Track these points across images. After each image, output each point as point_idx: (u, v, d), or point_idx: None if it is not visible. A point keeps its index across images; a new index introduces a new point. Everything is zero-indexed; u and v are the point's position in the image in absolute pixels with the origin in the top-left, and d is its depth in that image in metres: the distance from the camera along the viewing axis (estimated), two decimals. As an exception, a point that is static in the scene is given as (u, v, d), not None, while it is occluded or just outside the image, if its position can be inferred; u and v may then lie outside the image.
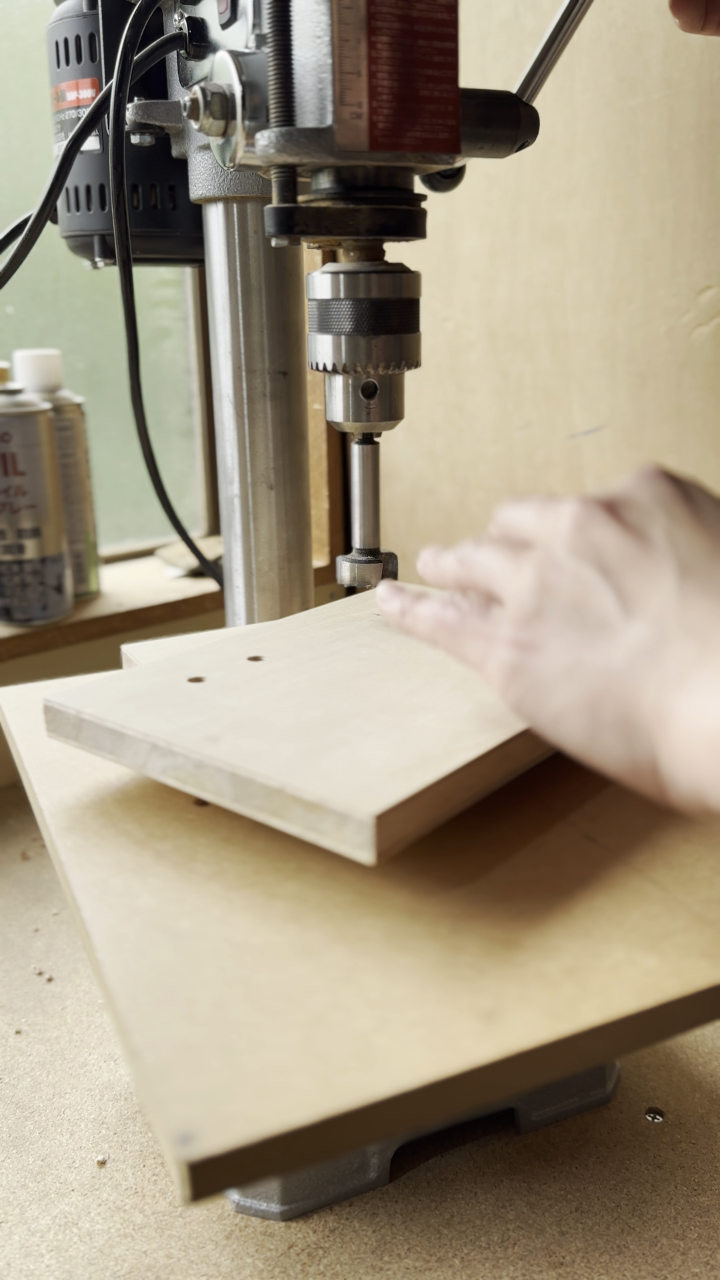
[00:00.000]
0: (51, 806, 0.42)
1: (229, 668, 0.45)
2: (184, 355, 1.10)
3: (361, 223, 0.46)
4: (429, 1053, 0.28)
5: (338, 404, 0.51)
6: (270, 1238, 0.44)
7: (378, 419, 0.51)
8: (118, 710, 0.41)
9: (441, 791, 0.35)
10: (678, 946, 0.33)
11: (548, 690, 0.33)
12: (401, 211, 0.47)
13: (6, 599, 0.85)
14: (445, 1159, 0.48)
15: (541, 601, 0.35)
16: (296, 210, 0.45)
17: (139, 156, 0.62)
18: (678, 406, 0.76)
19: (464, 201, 0.87)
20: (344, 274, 0.48)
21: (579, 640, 0.33)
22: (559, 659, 0.33)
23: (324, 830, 0.34)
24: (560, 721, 0.33)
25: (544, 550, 0.36)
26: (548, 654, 0.33)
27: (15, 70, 0.92)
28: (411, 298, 0.49)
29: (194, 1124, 0.26)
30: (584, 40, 0.75)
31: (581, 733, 0.32)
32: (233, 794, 0.36)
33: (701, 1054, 0.54)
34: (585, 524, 0.35)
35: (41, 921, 0.67)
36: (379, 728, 0.39)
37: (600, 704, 0.32)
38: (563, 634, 0.33)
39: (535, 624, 0.34)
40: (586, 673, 0.32)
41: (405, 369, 0.50)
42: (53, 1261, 0.43)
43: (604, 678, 0.32)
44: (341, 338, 0.48)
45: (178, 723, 0.39)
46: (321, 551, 1.08)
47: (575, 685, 0.33)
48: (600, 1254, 0.43)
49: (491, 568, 0.38)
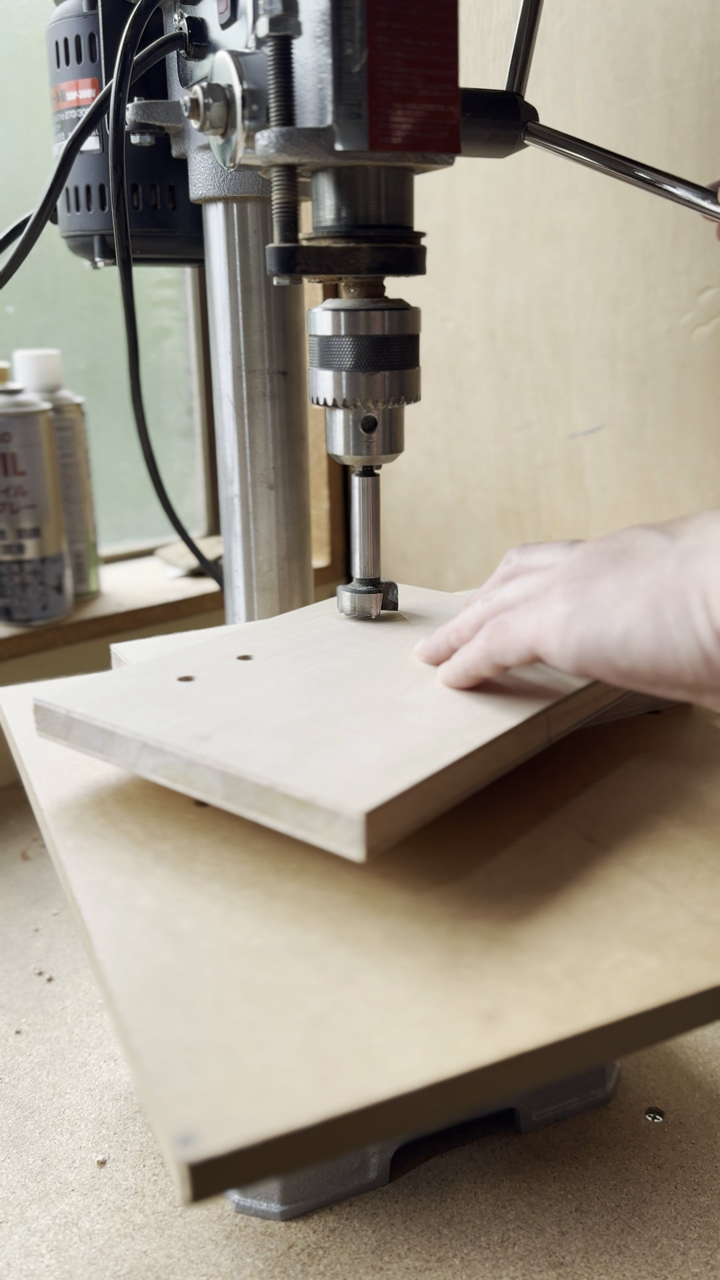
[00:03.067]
0: (51, 806, 0.42)
1: (219, 667, 0.45)
2: (184, 355, 1.10)
3: (362, 261, 0.47)
4: (429, 1053, 0.28)
5: (338, 438, 0.51)
6: (270, 1238, 0.44)
7: (378, 452, 0.52)
8: (108, 709, 0.41)
9: (430, 789, 0.36)
10: (678, 947, 0.33)
11: (609, 615, 0.34)
12: (402, 250, 0.47)
13: (6, 599, 0.85)
14: (445, 1159, 0.48)
15: (588, 561, 0.37)
16: (298, 250, 0.45)
17: (139, 156, 0.62)
18: (678, 406, 0.76)
19: (464, 201, 0.87)
20: (344, 311, 0.48)
21: (630, 568, 0.35)
22: (613, 585, 0.35)
23: (314, 828, 0.34)
24: (628, 639, 0.34)
25: (585, 544, 0.39)
26: (601, 586, 0.35)
27: (15, 70, 0.92)
28: (412, 334, 0.50)
29: (194, 1125, 0.26)
30: (584, 40, 0.75)
31: (651, 641, 0.33)
32: (223, 792, 0.36)
33: (701, 1054, 0.54)
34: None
35: (41, 921, 0.67)
36: (368, 726, 0.39)
37: (662, 605, 0.33)
38: (613, 570, 0.35)
39: (584, 575, 0.36)
40: (643, 583, 0.34)
41: (405, 403, 0.51)
42: (53, 1261, 0.43)
43: (659, 583, 0.33)
44: (342, 374, 0.49)
45: (168, 721, 0.39)
46: (321, 551, 1.08)
47: (635, 599, 0.34)
48: (600, 1254, 0.43)
49: (527, 584, 0.40)
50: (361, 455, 0.52)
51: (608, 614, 0.34)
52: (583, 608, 0.35)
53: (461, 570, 0.97)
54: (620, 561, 0.36)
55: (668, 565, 0.34)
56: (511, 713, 0.40)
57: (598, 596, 0.35)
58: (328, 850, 0.35)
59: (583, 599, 0.35)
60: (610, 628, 0.34)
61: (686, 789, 0.43)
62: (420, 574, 1.01)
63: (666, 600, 0.33)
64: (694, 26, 0.69)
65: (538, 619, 0.37)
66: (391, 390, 0.50)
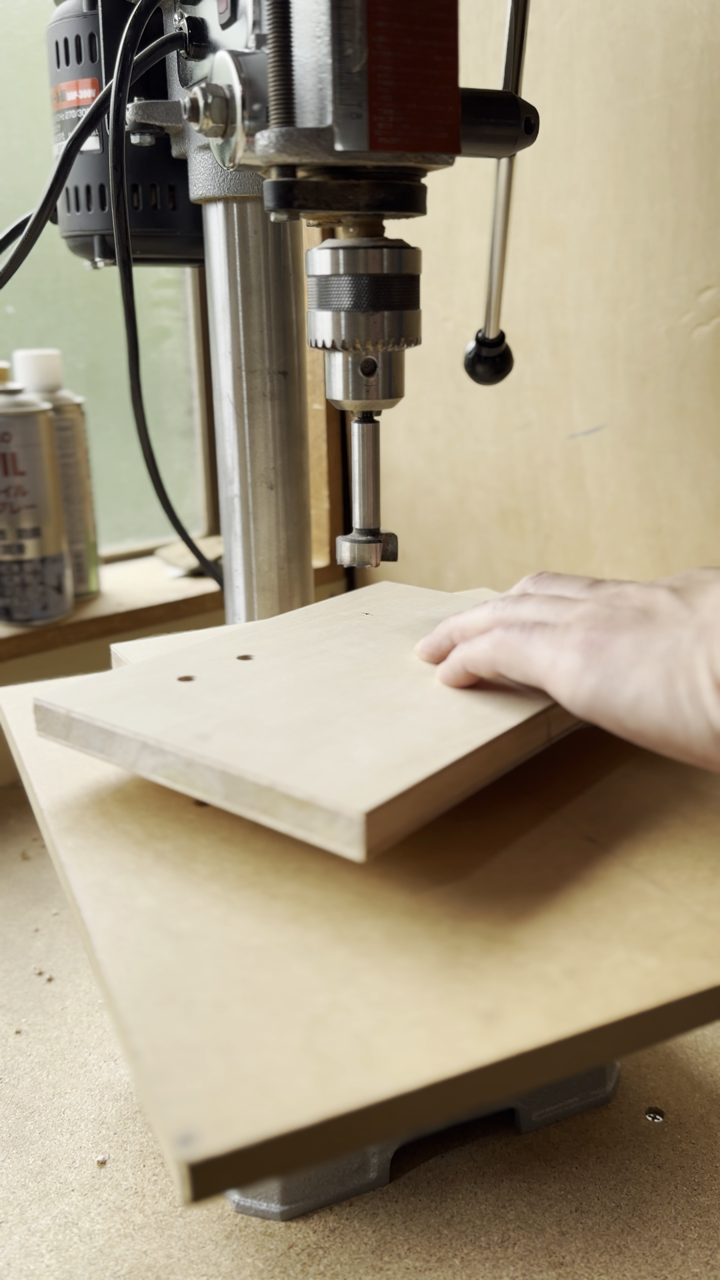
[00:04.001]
0: (51, 806, 0.42)
1: (219, 666, 0.45)
2: (184, 355, 1.10)
3: (361, 198, 0.46)
4: (429, 1053, 0.28)
5: (337, 381, 0.50)
6: (270, 1238, 0.44)
7: (377, 397, 0.50)
8: (108, 709, 0.40)
9: (430, 789, 0.36)
10: (678, 947, 0.33)
11: (624, 676, 0.35)
12: (401, 187, 0.47)
13: (6, 599, 0.85)
14: (445, 1159, 0.48)
15: (610, 613, 0.37)
16: (296, 185, 0.45)
17: (139, 156, 0.62)
18: (678, 406, 0.76)
19: (464, 201, 0.87)
20: (343, 249, 0.48)
21: (648, 632, 0.35)
22: (630, 647, 0.35)
23: (314, 827, 0.34)
24: (639, 704, 0.34)
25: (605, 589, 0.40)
26: (619, 645, 0.36)
27: (15, 70, 0.92)
28: (412, 273, 0.49)
29: (194, 1125, 0.26)
30: (584, 40, 0.75)
31: (662, 710, 0.34)
32: (223, 792, 0.36)
33: (701, 1054, 0.54)
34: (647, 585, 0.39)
35: (41, 921, 0.67)
36: (368, 726, 0.39)
37: (676, 677, 0.34)
38: (632, 629, 0.36)
39: (604, 626, 0.37)
40: (660, 651, 0.35)
41: (406, 346, 0.49)
42: (53, 1261, 0.43)
43: (675, 654, 0.34)
44: (341, 314, 0.48)
45: (168, 721, 0.39)
46: (321, 551, 1.08)
47: (651, 666, 0.34)
48: (600, 1254, 0.43)
49: (544, 611, 0.40)
50: (361, 400, 0.50)
51: (622, 675, 0.35)
52: (599, 663, 0.36)
53: (461, 570, 0.97)
54: (640, 623, 0.36)
55: (685, 637, 0.34)
56: (512, 713, 0.40)
57: (614, 656, 0.35)
58: (328, 850, 0.35)
59: (600, 654, 0.36)
60: (623, 689, 0.35)
61: (687, 789, 0.43)
62: (420, 574, 1.01)
63: (680, 674, 0.34)
64: (694, 26, 0.69)
65: (552, 658, 0.37)
66: (391, 331, 0.49)
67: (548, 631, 0.38)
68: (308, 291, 0.50)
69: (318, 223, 0.51)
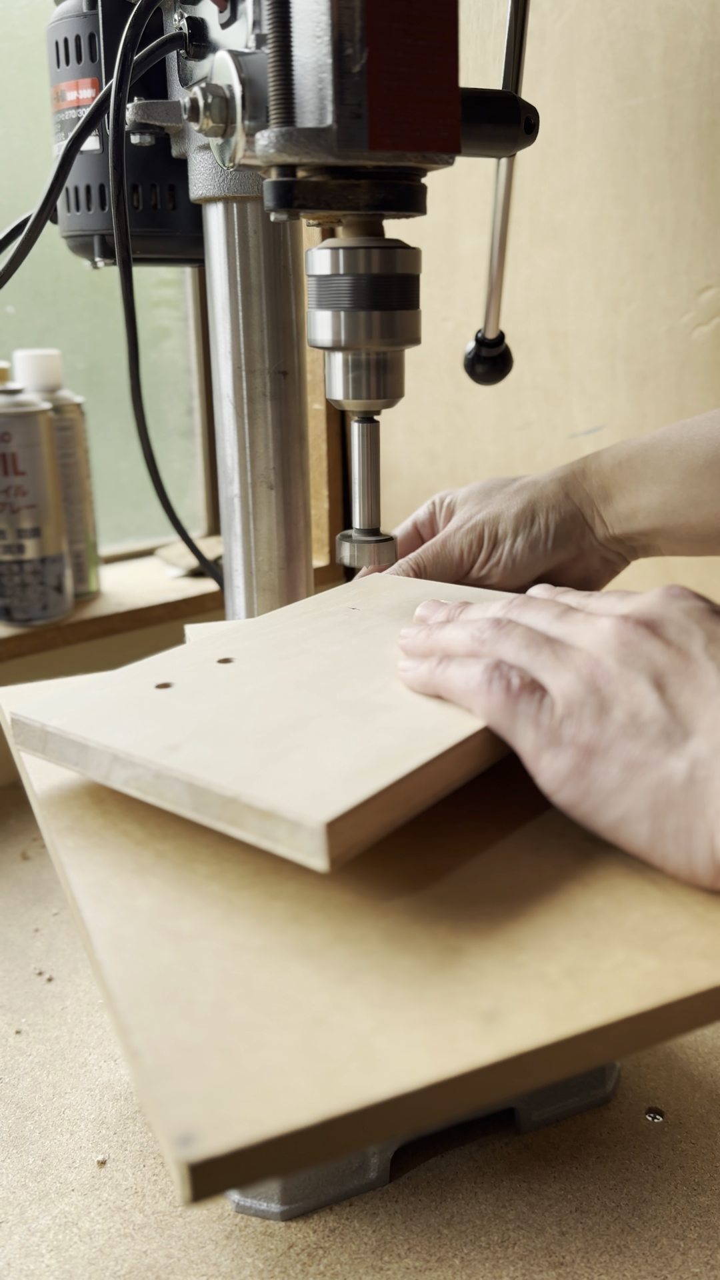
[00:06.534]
0: (51, 807, 0.42)
1: (198, 672, 0.44)
2: (184, 355, 1.10)
3: (361, 197, 0.46)
4: (429, 1054, 0.28)
5: (337, 381, 0.50)
6: (270, 1238, 0.44)
7: (377, 396, 0.50)
8: (81, 721, 0.40)
9: (398, 794, 0.35)
10: (678, 947, 0.33)
11: (608, 798, 0.35)
12: (401, 186, 0.47)
13: (6, 599, 0.85)
14: (445, 1159, 0.48)
15: (596, 707, 0.36)
16: (296, 184, 0.45)
17: (139, 156, 0.62)
18: (678, 406, 0.76)
19: (464, 201, 0.87)
20: (343, 249, 0.48)
21: (639, 753, 0.35)
22: (619, 769, 0.35)
23: (278, 838, 0.33)
24: (621, 827, 0.35)
25: (592, 657, 0.37)
26: (608, 763, 0.35)
27: (15, 70, 0.92)
28: (411, 273, 0.49)
29: (194, 1125, 0.26)
30: (584, 40, 0.75)
31: (645, 840, 0.35)
32: (191, 803, 0.36)
33: (701, 1054, 0.54)
34: (631, 638, 0.37)
35: (41, 921, 0.67)
36: (339, 729, 0.38)
37: (663, 813, 0.34)
38: (621, 744, 0.35)
39: (593, 729, 0.36)
40: (649, 784, 0.34)
41: (405, 346, 0.49)
42: (53, 1261, 0.43)
43: (667, 789, 0.34)
44: (340, 314, 0.48)
45: (140, 732, 0.39)
46: (321, 551, 1.08)
47: (638, 795, 0.34)
48: (600, 1254, 0.43)
49: (521, 658, 0.39)
50: (360, 399, 0.51)
51: (606, 797, 0.35)
52: (585, 777, 0.35)
53: (461, 570, 0.97)
54: (629, 732, 0.35)
55: (676, 773, 0.34)
56: None
57: (597, 776, 0.35)
58: (293, 861, 0.35)
59: (587, 769, 0.35)
60: (605, 809, 0.35)
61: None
62: (420, 574, 1.01)
63: (671, 813, 0.34)
64: (694, 26, 0.69)
65: (535, 745, 0.36)
66: (390, 331, 0.49)
67: (532, 704, 0.37)
68: (307, 291, 0.50)
69: (318, 223, 0.51)
